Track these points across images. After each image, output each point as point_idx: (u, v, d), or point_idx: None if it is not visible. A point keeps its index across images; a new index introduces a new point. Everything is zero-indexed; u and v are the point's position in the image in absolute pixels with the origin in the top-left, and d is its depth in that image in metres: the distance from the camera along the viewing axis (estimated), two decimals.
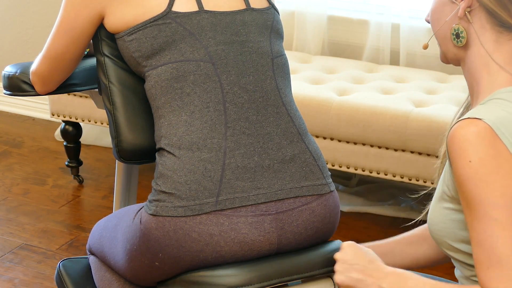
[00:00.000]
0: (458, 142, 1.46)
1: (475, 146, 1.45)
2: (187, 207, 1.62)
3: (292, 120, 1.75)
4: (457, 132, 1.47)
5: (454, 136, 1.47)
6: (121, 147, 1.79)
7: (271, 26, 1.82)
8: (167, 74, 1.71)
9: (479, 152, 1.44)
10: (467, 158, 1.45)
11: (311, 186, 1.71)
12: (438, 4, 1.60)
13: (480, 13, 1.54)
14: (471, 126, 1.46)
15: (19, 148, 3.93)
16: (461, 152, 1.46)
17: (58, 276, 2.00)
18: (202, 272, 1.63)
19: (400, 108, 2.94)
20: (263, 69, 1.75)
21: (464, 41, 1.56)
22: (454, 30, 1.57)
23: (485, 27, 1.55)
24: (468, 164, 1.45)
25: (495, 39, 1.55)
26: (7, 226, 3.20)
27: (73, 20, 1.79)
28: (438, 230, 1.59)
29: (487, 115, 1.47)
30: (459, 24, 1.56)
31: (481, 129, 1.45)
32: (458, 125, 1.48)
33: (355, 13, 3.66)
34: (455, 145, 1.47)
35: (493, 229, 1.44)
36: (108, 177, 3.64)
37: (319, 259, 1.70)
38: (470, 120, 1.47)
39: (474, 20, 1.55)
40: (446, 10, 1.58)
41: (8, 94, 2.02)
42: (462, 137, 1.46)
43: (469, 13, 1.55)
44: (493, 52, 1.55)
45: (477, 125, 1.46)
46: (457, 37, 1.57)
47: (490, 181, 1.44)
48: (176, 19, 1.72)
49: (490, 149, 1.44)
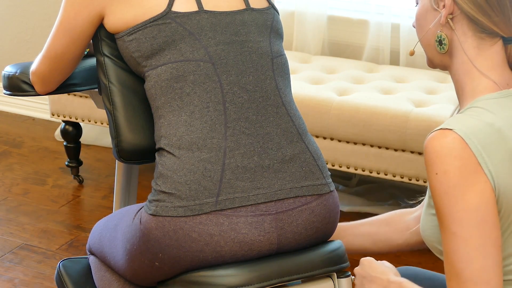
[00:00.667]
0: (428, 153, 1.48)
1: (441, 158, 1.46)
2: (187, 207, 1.62)
3: (292, 120, 1.75)
4: (429, 143, 1.49)
5: (426, 147, 1.49)
6: (121, 147, 1.79)
7: (270, 26, 1.82)
8: (167, 74, 1.71)
9: (444, 165, 1.46)
10: (434, 171, 1.47)
11: (311, 186, 1.71)
12: (421, 11, 1.62)
13: (462, 20, 1.55)
14: (441, 138, 1.48)
15: (19, 148, 3.93)
16: (430, 164, 1.48)
17: (58, 276, 2.00)
18: (202, 272, 1.63)
19: (400, 108, 2.94)
20: (263, 69, 1.75)
21: (447, 48, 1.58)
22: (437, 37, 1.58)
23: (467, 34, 1.56)
24: (435, 176, 1.47)
25: (477, 45, 1.56)
26: (7, 226, 3.20)
27: (73, 20, 1.80)
28: (428, 236, 1.61)
29: (458, 125, 1.48)
30: (442, 31, 1.58)
31: (450, 140, 1.46)
32: (431, 136, 1.49)
33: (355, 13, 3.66)
34: (426, 156, 1.49)
35: (452, 242, 1.47)
36: (108, 177, 3.64)
37: (319, 259, 1.70)
38: (441, 131, 1.49)
39: (456, 27, 1.56)
40: (429, 17, 1.60)
41: (8, 94, 2.02)
42: (432, 149, 1.48)
43: (451, 20, 1.56)
44: (475, 58, 1.56)
45: (447, 136, 1.47)
46: (440, 43, 1.59)
47: (452, 194, 1.46)
48: (176, 19, 1.72)
49: (457, 160, 1.45)
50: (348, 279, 1.74)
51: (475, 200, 1.45)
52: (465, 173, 1.45)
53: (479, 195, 1.45)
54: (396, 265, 2.95)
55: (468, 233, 1.45)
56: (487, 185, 1.46)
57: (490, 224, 1.45)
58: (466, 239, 1.45)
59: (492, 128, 1.48)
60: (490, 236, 1.45)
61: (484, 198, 1.45)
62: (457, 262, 1.46)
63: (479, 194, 1.45)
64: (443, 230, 1.48)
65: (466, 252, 1.45)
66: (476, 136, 1.47)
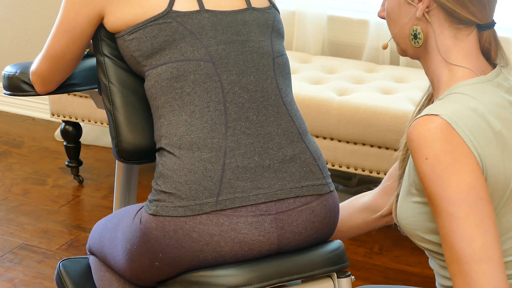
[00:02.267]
0: (415, 139, 1.49)
1: (430, 143, 1.47)
2: (187, 207, 1.62)
3: (292, 120, 1.74)
4: (415, 129, 1.49)
5: (411, 133, 1.50)
6: (121, 147, 1.79)
7: (272, 25, 1.81)
8: (167, 74, 1.71)
9: (434, 149, 1.47)
10: (424, 156, 1.48)
11: (311, 186, 1.71)
12: (393, 5, 1.61)
13: (439, 13, 1.56)
14: (427, 123, 1.48)
15: (19, 148, 3.93)
16: (418, 150, 1.48)
17: (58, 276, 2.00)
18: (202, 272, 1.63)
19: (400, 108, 2.94)
20: (264, 68, 1.75)
21: (421, 42, 1.58)
22: (413, 31, 1.59)
23: (444, 25, 1.56)
24: (425, 161, 1.48)
25: (454, 35, 1.57)
26: (7, 226, 3.20)
27: (73, 20, 1.79)
28: (408, 224, 1.61)
29: (443, 110, 1.49)
30: (417, 25, 1.58)
31: (437, 125, 1.47)
32: (415, 122, 1.50)
33: (355, 13, 3.66)
34: (413, 142, 1.49)
35: (449, 224, 1.47)
36: (108, 177, 3.64)
37: (319, 259, 1.70)
38: (427, 117, 1.49)
39: (432, 20, 1.57)
40: (403, 11, 1.59)
41: (8, 94, 2.02)
42: (419, 135, 1.48)
43: (427, 13, 1.56)
44: (451, 48, 1.57)
45: (433, 121, 1.48)
46: (415, 37, 1.59)
47: (445, 176, 1.46)
48: (177, 18, 1.72)
49: (446, 144, 1.46)
50: (348, 279, 1.74)
51: (468, 179, 1.46)
52: (455, 155, 1.46)
53: (471, 174, 1.46)
54: (395, 265, 2.96)
55: (465, 212, 1.45)
56: (477, 166, 1.47)
57: (485, 201, 1.46)
58: (464, 219, 1.45)
59: (475, 113, 1.50)
60: (486, 212, 1.46)
61: (476, 177, 1.46)
62: (457, 243, 1.46)
63: (471, 173, 1.46)
64: (438, 214, 1.48)
65: (465, 231, 1.45)
66: (462, 120, 1.48)
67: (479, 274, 1.44)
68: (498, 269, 1.45)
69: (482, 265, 1.44)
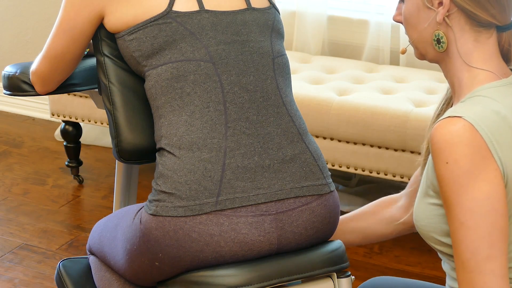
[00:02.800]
0: (437, 142, 1.48)
1: (452, 146, 1.46)
2: (187, 207, 1.62)
3: (292, 120, 1.74)
4: (437, 131, 1.48)
5: (434, 136, 1.49)
6: (121, 147, 1.79)
7: (272, 25, 1.81)
8: (167, 74, 1.71)
9: (455, 153, 1.46)
10: (444, 160, 1.47)
11: (311, 186, 1.71)
12: (412, 9, 1.60)
13: (459, 16, 1.55)
14: (450, 125, 1.47)
15: (19, 148, 3.93)
16: (439, 153, 1.47)
17: (58, 276, 2.00)
18: (202, 272, 1.63)
19: (400, 108, 2.94)
20: (264, 69, 1.75)
21: (445, 46, 1.57)
22: (435, 35, 1.58)
23: (464, 28, 1.56)
24: (445, 165, 1.47)
25: (475, 39, 1.56)
26: (7, 226, 3.20)
27: (73, 20, 1.79)
28: (425, 226, 1.60)
29: (466, 112, 1.48)
30: (439, 29, 1.57)
31: (460, 127, 1.46)
32: (438, 125, 1.49)
33: (355, 13, 3.66)
34: (434, 145, 1.48)
35: (459, 232, 1.47)
36: (108, 177, 3.64)
37: (319, 259, 1.70)
38: (449, 119, 1.48)
39: (453, 23, 1.56)
40: (422, 15, 1.58)
41: (8, 94, 2.02)
42: (440, 137, 1.47)
43: (447, 17, 1.56)
44: (473, 51, 1.56)
45: (455, 123, 1.47)
46: (438, 42, 1.58)
47: (462, 183, 1.46)
48: (177, 18, 1.72)
49: (467, 148, 1.45)
50: (348, 279, 1.74)
51: (485, 188, 1.45)
52: (475, 160, 1.45)
53: (489, 183, 1.45)
54: (395, 265, 2.96)
55: (475, 222, 1.45)
56: (497, 173, 1.46)
57: (499, 213, 1.45)
58: (473, 229, 1.45)
59: (498, 116, 1.49)
60: (497, 225, 1.45)
61: (494, 186, 1.45)
62: (463, 252, 1.46)
63: (489, 182, 1.45)
64: (451, 219, 1.48)
65: (472, 242, 1.45)
66: (485, 123, 1.47)
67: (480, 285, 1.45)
68: (500, 282, 1.45)
69: (484, 277, 1.45)
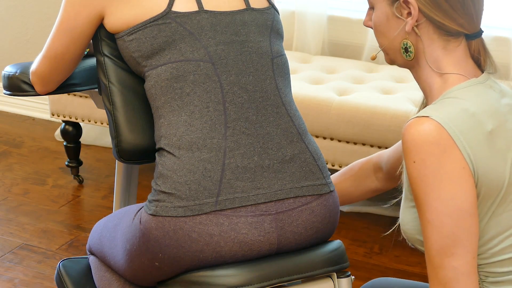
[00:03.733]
0: (405, 141, 1.50)
1: (419, 146, 1.48)
2: (187, 207, 1.62)
3: (292, 120, 1.75)
4: (406, 131, 1.50)
5: (403, 135, 1.51)
6: (121, 147, 1.79)
7: (271, 26, 1.82)
8: (167, 74, 1.71)
9: (422, 153, 1.48)
10: (412, 159, 1.49)
11: (311, 186, 1.71)
12: (381, 18, 1.61)
13: (428, 26, 1.57)
14: (417, 125, 1.49)
15: (19, 148, 3.93)
16: (407, 152, 1.50)
17: (58, 276, 2.00)
18: (202, 272, 1.63)
19: (400, 108, 2.94)
20: (263, 69, 1.75)
21: (413, 55, 1.59)
22: (403, 44, 1.60)
23: (433, 37, 1.57)
24: (413, 164, 1.49)
25: (444, 47, 1.58)
26: (7, 226, 3.20)
27: (73, 20, 1.79)
28: (408, 229, 1.62)
29: (434, 112, 1.50)
30: (407, 39, 1.59)
31: (427, 126, 1.48)
32: (407, 125, 1.51)
33: (355, 13, 3.66)
34: (403, 144, 1.51)
35: (426, 229, 1.50)
36: (108, 177, 3.64)
37: (319, 259, 1.70)
38: (417, 118, 1.50)
39: (421, 33, 1.57)
40: (391, 24, 1.60)
41: (8, 94, 2.02)
42: (409, 137, 1.49)
43: (416, 27, 1.57)
44: (442, 58, 1.58)
45: (423, 123, 1.49)
46: (406, 51, 1.60)
47: (428, 182, 1.48)
48: (176, 19, 1.72)
49: (434, 147, 1.47)
50: (348, 279, 1.74)
51: (451, 188, 1.47)
52: (442, 160, 1.47)
53: (455, 183, 1.48)
54: (395, 265, 2.96)
55: (440, 221, 1.48)
56: (466, 171, 1.48)
57: (466, 213, 1.48)
58: (439, 227, 1.48)
59: (467, 113, 1.51)
60: (463, 225, 1.48)
61: (460, 186, 1.48)
62: (430, 249, 1.50)
63: (455, 181, 1.48)
64: (420, 217, 1.51)
65: (437, 239, 1.49)
66: (453, 121, 1.49)
67: (445, 281, 1.49)
68: (463, 279, 1.49)
69: (448, 273, 1.49)
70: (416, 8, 1.55)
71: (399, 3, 1.57)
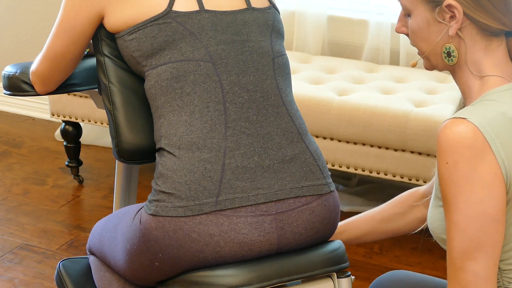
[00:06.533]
0: (440, 142, 1.49)
1: (453, 147, 1.47)
2: (187, 207, 1.62)
3: (292, 120, 1.75)
4: (441, 132, 1.49)
5: (438, 136, 1.50)
6: (121, 147, 1.79)
7: (272, 25, 1.82)
8: (167, 74, 1.71)
9: (455, 155, 1.47)
10: (445, 160, 1.48)
11: (311, 186, 1.71)
12: (422, 23, 1.59)
13: (471, 28, 1.55)
14: (453, 126, 1.48)
15: (19, 148, 3.93)
16: (441, 153, 1.49)
17: (58, 276, 2.00)
18: (202, 272, 1.63)
19: (400, 108, 2.94)
20: (264, 69, 1.75)
21: (456, 60, 1.57)
22: (446, 49, 1.58)
23: (475, 38, 1.56)
24: (445, 165, 1.48)
25: (485, 47, 1.56)
26: (7, 226, 3.20)
27: (73, 20, 1.79)
28: (436, 228, 1.61)
29: (471, 115, 1.49)
30: (450, 43, 1.57)
31: (463, 127, 1.47)
32: (443, 125, 1.50)
33: (355, 13, 3.66)
34: (438, 144, 1.50)
35: (451, 231, 1.49)
36: (108, 177, 3.64)
37: (319, 259, 1.70)
38: (454, 120, 1.49)
39: (464, 35, 1.56)
40: (433, 29, 1.58)
41: (8, 94, 2.02)
42: (444, 137, 1.48)
43: (460, 30, 1.56)
44: (483, 59, 1.56)
45: (459, 124, 1.48)
46: (448, 55, 1.58)
47: (459, 185, 1.47)
48: (177, 18, 1.72)
49: (468, 149, 1.46)
50: (348, 279, 1.74)
51: (480, 193, 1.46)
52: (474, 164, 1.46)
53: (485, 188, 1.46)
54: (395, 265, 2.96)
55: (466, 224, 1.47)
56: (498, 177, 1.47)
57: (491, 218, 1.47)
58: (463, 230, 1.47)
59: (504, 117, 1.49)
60: (487, 230, 1.47)
61: (490, 191, 1.47)
62: (453, 250, 1.50)
63: (486, 187, 1.46)
64: (447, 218, 1.50)
65: (460, 242, 1.48)
66: (490, 125, 1.47)
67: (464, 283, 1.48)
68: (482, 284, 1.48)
69: (468, 277, 1.48)
70: (460, 11, 1.53)
71: (441, 8, 1.54)
